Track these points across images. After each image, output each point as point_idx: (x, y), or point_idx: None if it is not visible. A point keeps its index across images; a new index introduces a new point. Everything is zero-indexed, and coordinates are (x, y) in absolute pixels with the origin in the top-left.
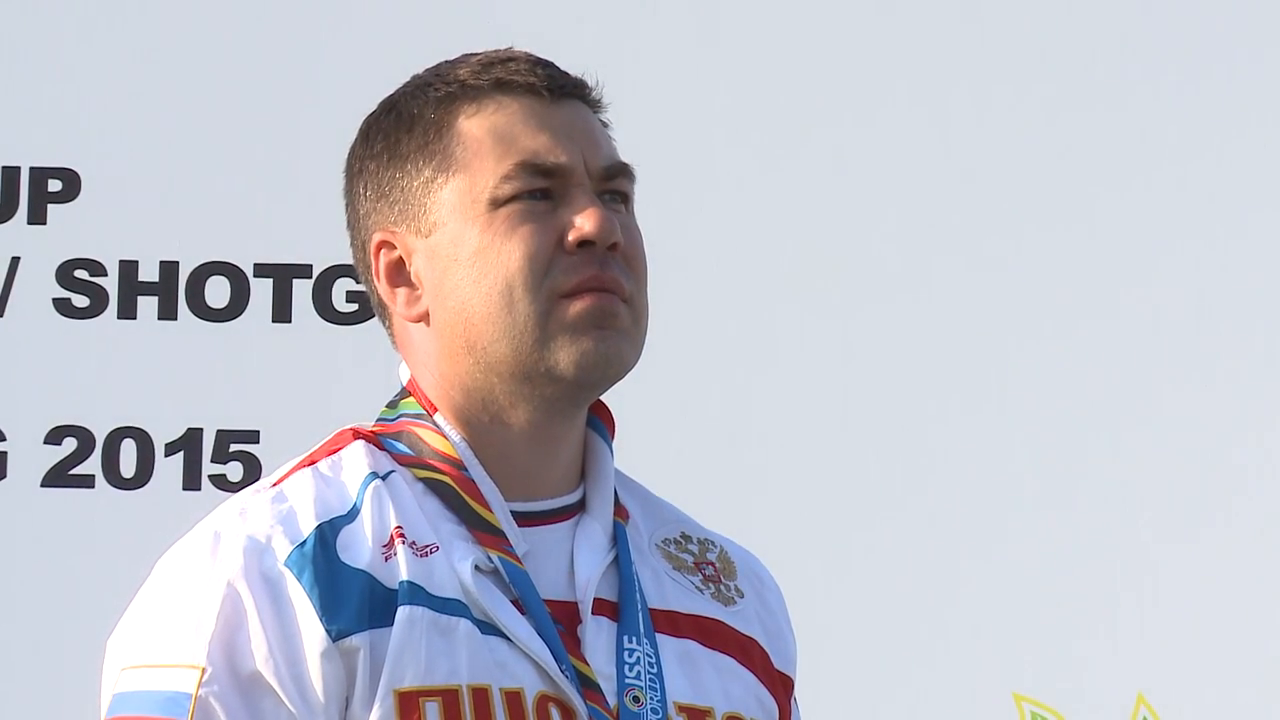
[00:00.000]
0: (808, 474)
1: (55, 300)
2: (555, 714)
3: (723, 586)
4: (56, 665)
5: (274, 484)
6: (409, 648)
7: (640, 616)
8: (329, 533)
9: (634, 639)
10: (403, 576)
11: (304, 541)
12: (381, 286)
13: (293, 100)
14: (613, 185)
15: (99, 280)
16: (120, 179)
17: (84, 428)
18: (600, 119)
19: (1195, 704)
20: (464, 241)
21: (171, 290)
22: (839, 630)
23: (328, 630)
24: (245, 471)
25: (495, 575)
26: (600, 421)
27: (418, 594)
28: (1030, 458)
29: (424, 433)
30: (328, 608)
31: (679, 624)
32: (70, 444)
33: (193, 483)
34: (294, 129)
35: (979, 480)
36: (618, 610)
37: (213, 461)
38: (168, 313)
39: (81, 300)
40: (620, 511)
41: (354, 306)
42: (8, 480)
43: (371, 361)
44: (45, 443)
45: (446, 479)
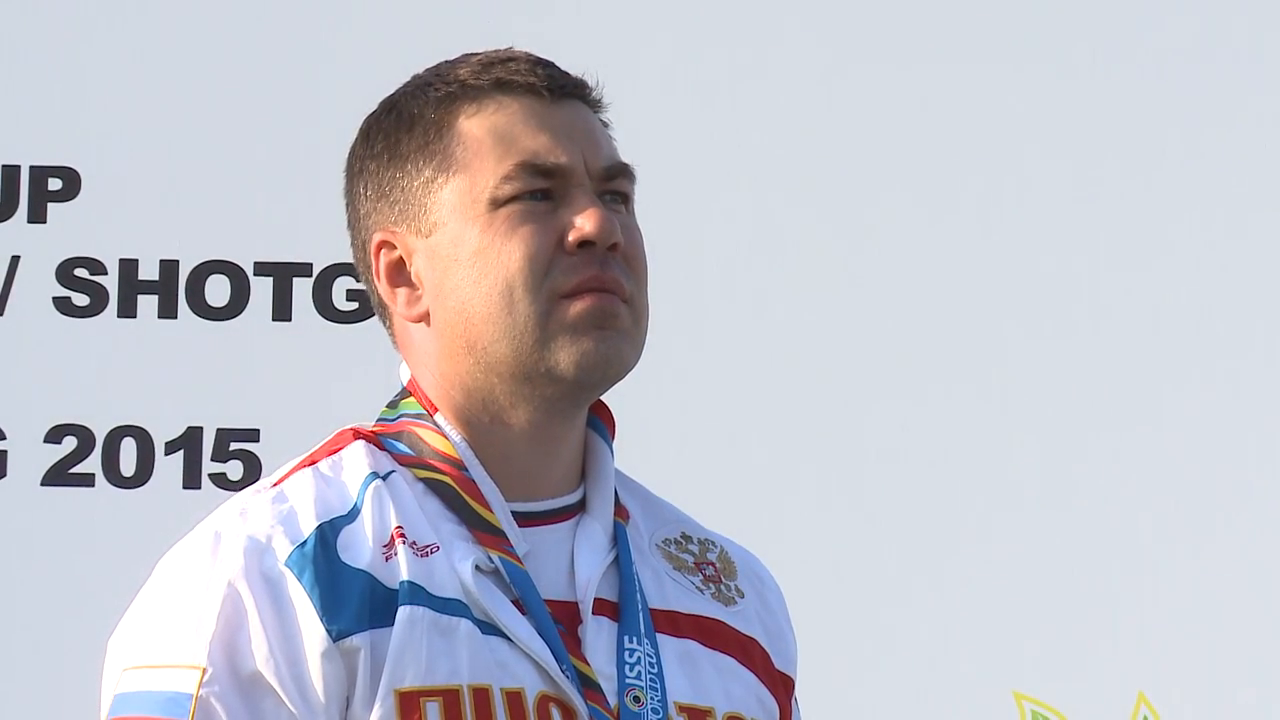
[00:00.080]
0: (808, 473)
1: (55, 299)
2: (556, 714)
3: (723, 586)
4: (57, 664)
5: (274, 484)
6: (410, 648)
7: (641, 616)
8: (329, 533)
9: (634, 639)
10: (403, 576)
11: (304, 541)
12: (382, 286)
13: (293, 99)
14: (613, 185)
15: (99, 279)
16: (120, 178)
17: (84, 426)
18: (601, 119)
19: (1195, 703)
20: (464, 241)
21: (171, 289)
22: (839, 630)
23: (328, 630)
24: (245, 470)
25: (496, 575)
26: (600, 422)
27: (418, 594)
28: (1031, 457)
29: (424, 433)
30: (328, 608)
31: (679, 624)
32: (70, 443)
33: (193, 481)
34: (294, 128)
35: (980, 479)
36: (618, 610)
37: (213, 460)
38: (168, 311)
39: (82, 299)
40: (621, 512)
41: (354, 305)
42: (8, 479)
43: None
44: (45, 441)
45: (447, 479)
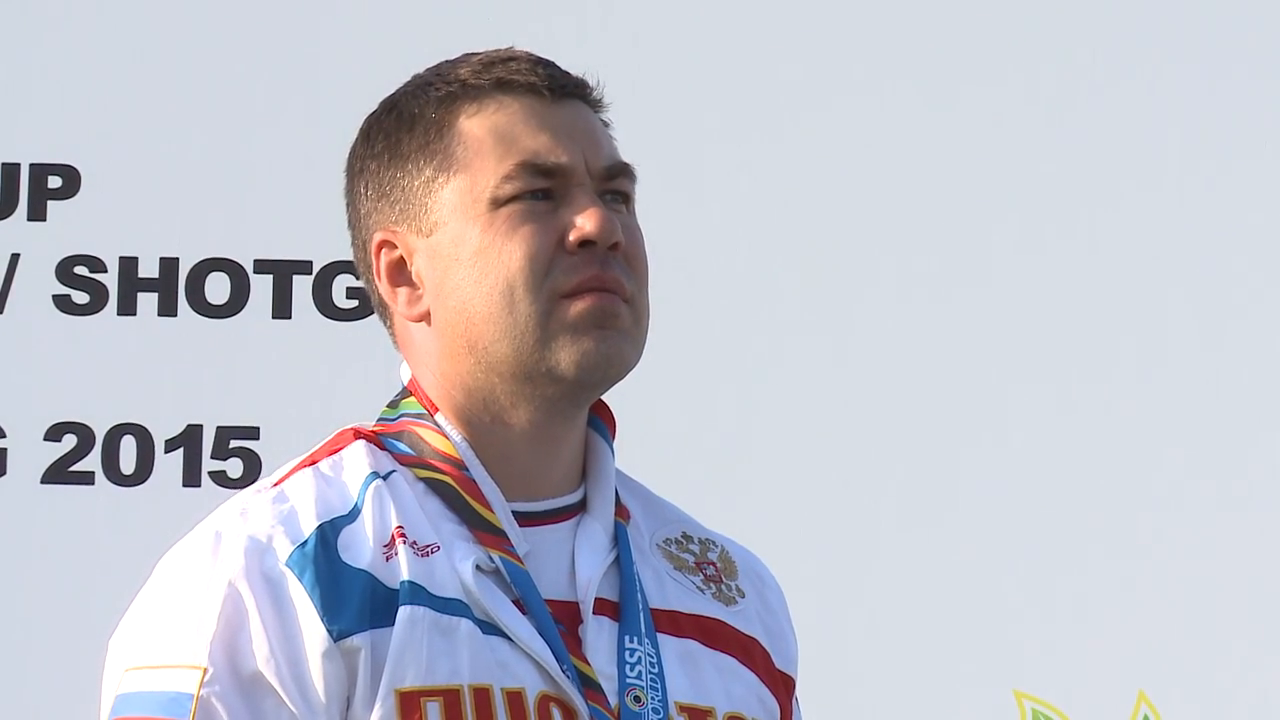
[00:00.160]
0: (808, 473)
1: (55, 297)
2: (557, 714)
3: (724, 586)
4: (57, 662)
5: (275, 484)
6: (410, 648)
7: (641, 616)
8: (330, 533)
9: (635, 639)
10: (404, 576)
11: (305, 541)
12: (382, 286)
13: (293, 97)
14: (614, 185)
15: (99, 277)
16: (120, 175)
17: (84, 424)
18: (601, 119)
19: (1196, 702)
20: (465, 241)
21: (171, 286)
22: (840, 629)
23: (329, 630)
24: (245, 468)
25: (496, 575)
26: (601, 421)
27: (419, 594)
28: (1032, 456)
29: (425, 432)
30: (329, 608)
31: (680, 624)
32: (70, 441)
33: (193, 479)
34: (294, 125)
35: (980, 478)
36: (619, 610)
37: (213, 458)
38: (168, 309)
39: (81, 297)
40: (621, 511)
41: (354, 303)
42: (8, 477)
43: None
44: (45, 439)
45: (447, 479)
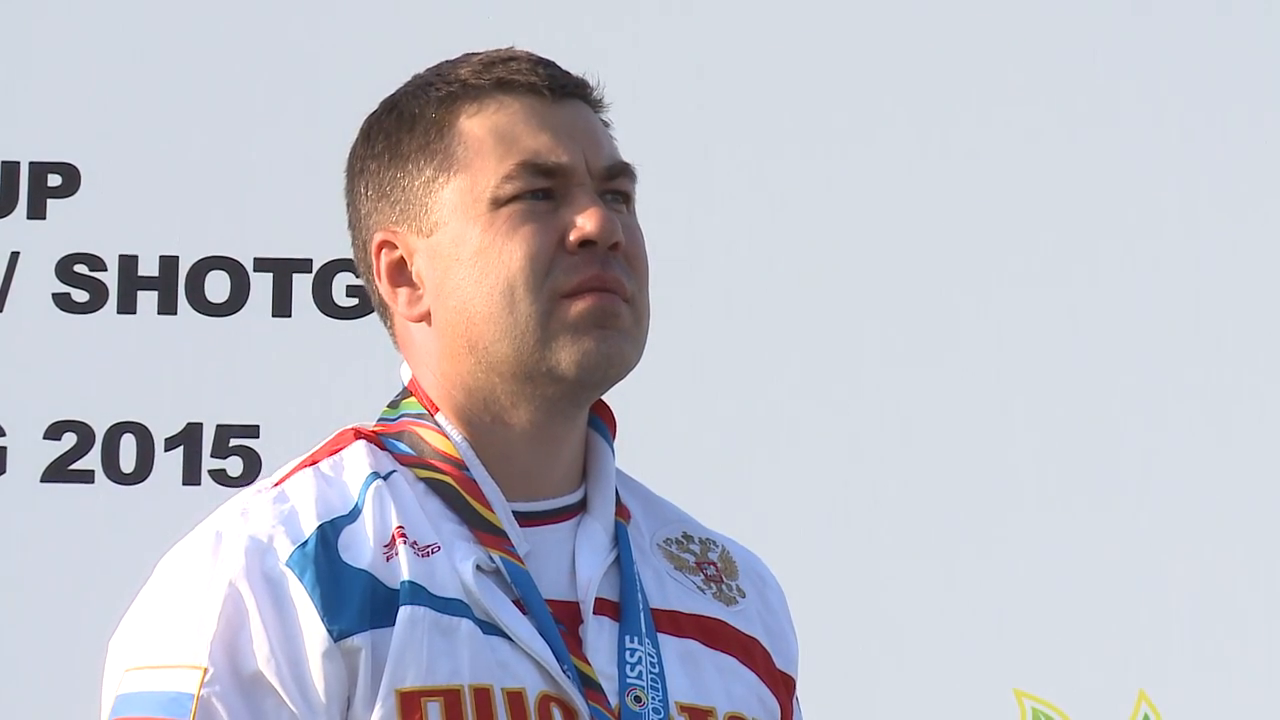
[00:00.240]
0: (809, 472)
1: (55, 295)
2: (557, 714)
3: (724, 586)
4: (57, 660)
5: (275, 484)
6: (411, 648)
7: (642, 616)
8: (330, 533)
9: (636, 639)
10: (404, 576)
11: (306, 541)
12: (383, 286)
13: (292, 95)
14: (614, 185)
15: (99, 275)
16: (120, 174)
17: (84, 423)
18: (602, 118)
19: (1196, 701)
20: (465, 241)
21: (171, 285)
22: (840, 628)
23: (329, 630)
24: (245, 466)
25: (497, 575)
26: (602, 421)
27: (419, 594)
28: (1033, 455)
29: (425, 433)
30: (329, 608)
31: (681, 624)
32: (70, 439)
33: (192, 478)
34: (294, 124)
35: (981, 477)
36: (619, 610)
37: (212, 456)
38: (167, 307)
39: (81, 295)
40: (622, 511)
41: (354, 301)
42: (7, 475)
43: (371, 356)
44: (45, 438)
45: (448, 479)
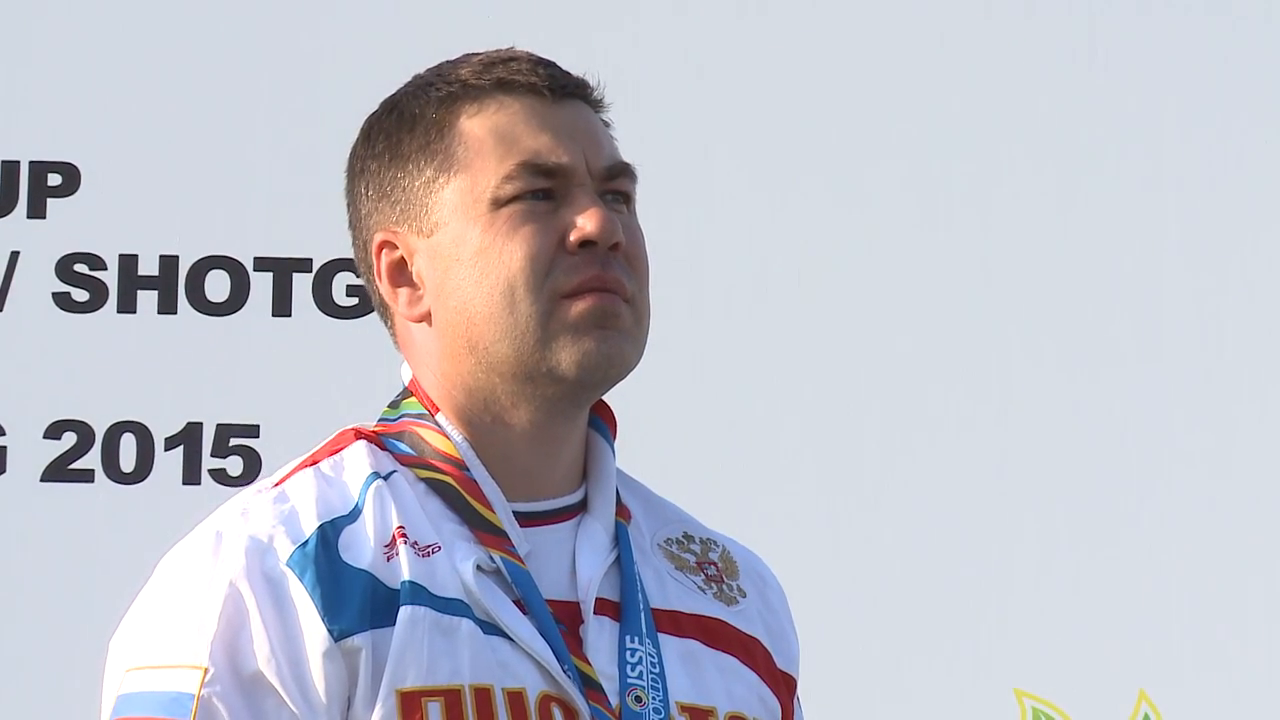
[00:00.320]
0: (809, 472)
1: (55, 294)
2: (558, 714)
3: (725, 586)
4: (57, 659)
5: (276, 484)
6: (411, 648)
7: (642, 616)
8: (331, 533)
9: (636, 639)
10: (405, 576)
11: (306, 541)
12: (383, 286)
13: (293, 94)
14: (614, 185)
15: (99, 274)
16: (120, 173)
17: (84, 422)
18: (602, 119)
19: (1196, 701)
20: (466, 241)
21: (171, 284)
22: (841, 628)
23: (330, 630)
24: (245, 466)
25: (497, 575)
26: (602, 421)
27: (420, 594)
28: (1033, 455)
29: (426, 433)
30: (330, 608)
31: (681, 624)
32: (70, 438)
33: (192, 477)
34: (294, 123)
35: (981, 477)
36: (620, 610)
37: (212, 456)
38: (167, 307)
39: (81, 294)
40: (622, 511)
41: (354, 300)
42: (7, 475)
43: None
44: (45, 437)
45: (448, 479)
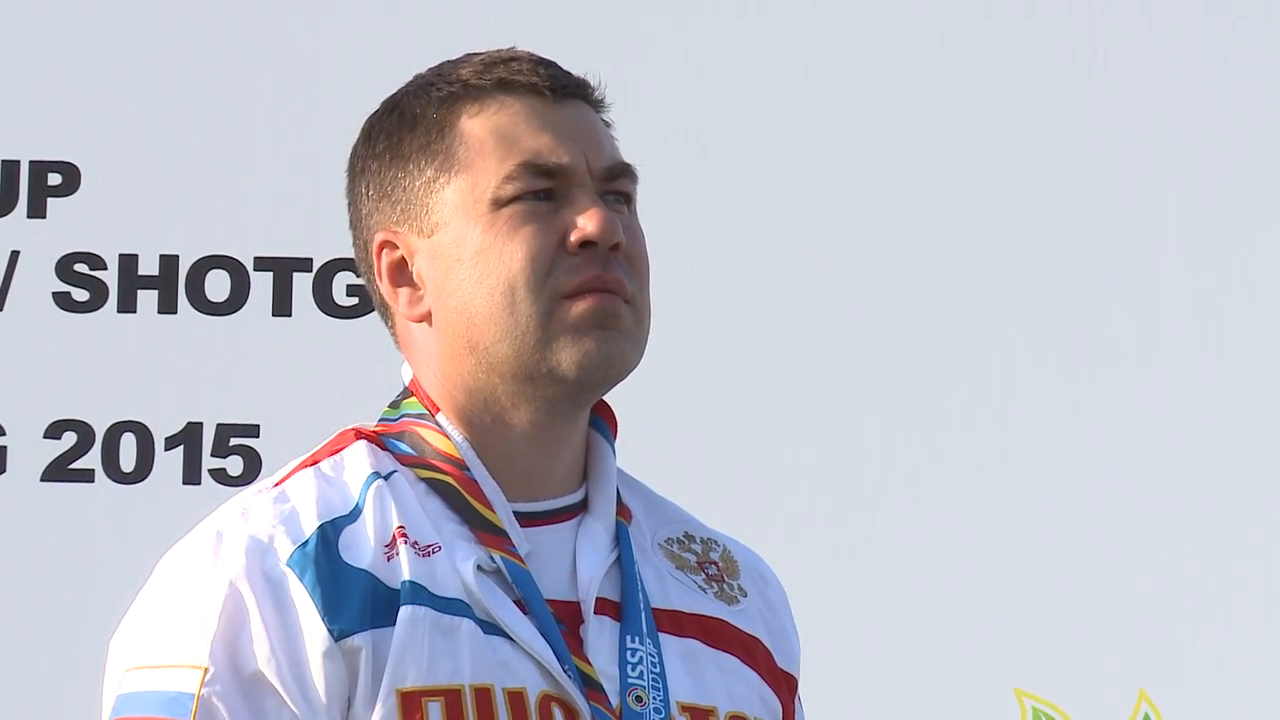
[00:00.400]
0: (810, 472)
1: (55, 294)
2: (558, 714)
3: (726, 586)
4: (57, 659)
5: (276, 484)
6: (411, 647)
7: (643, 616)
8: (331, 532)
9: (637, 639)
10: (405, 576)
11: (306, 541)
12: (384, 286)
13: (293, 94)
14: (615, 185)
15: (99, 274)
16: (120, 173)
17: (84, 422)
18: (603, 119)
19: (1196, 701)
20: (466, 241)
21: (171, 284)
22: (842, 628)
23: (330, 630)
24: (245, 466)
25: (498, 575)
26: (603, 421)
27: (420, 594)
28: (1033, 455)
29: (426, 433)
30: (330, 607)
31: (682, 623)
32: (70, 438)
33: (192, 477)
34: (294, 123)
35: (982, 477)
36: (620, 610)
37: (213, 455)
38: (168, 306)
39: (81, 294)
40: (623, 511)
41: (354, 300)
42: (7, 474)
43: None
44: (45, 437)
45: (449, 479)
